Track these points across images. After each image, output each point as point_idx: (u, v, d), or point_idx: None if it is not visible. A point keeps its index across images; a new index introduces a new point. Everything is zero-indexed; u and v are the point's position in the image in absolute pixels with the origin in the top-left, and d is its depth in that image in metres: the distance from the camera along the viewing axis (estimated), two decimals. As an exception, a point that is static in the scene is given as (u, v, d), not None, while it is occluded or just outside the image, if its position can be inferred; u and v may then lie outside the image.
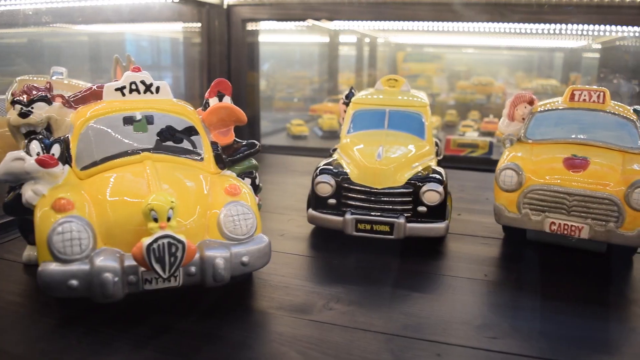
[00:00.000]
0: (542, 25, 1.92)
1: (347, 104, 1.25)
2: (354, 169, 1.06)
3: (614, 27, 1.97)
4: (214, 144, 0.92)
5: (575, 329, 0.78)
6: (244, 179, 0.97)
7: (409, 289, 0.89)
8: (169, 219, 0.71)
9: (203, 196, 0.82)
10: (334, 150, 1.20)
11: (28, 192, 0.76)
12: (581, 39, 2.81)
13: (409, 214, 1.03)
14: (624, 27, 1.99)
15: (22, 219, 0.90)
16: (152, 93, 0.90)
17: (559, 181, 0.98)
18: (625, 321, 0.82)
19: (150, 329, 0.75)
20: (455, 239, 1.12)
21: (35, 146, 0.79)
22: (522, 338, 0.75)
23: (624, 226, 0.95)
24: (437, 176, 1.03)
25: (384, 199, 1.03)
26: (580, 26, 1.84)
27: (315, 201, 1.07)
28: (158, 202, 0.70)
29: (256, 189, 1.00)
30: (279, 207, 1.33)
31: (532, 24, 1.82)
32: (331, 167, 1.07)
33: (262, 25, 2.23)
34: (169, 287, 0.74)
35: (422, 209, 1.02)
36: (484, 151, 1.99)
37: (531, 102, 1.14)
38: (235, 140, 0.97)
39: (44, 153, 0.79)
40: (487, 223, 1.17)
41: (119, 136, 0.86)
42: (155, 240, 0.69)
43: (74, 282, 0.71)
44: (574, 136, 1.06)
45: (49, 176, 0.78)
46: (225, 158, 0.93)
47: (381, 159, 1.03)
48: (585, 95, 1.09)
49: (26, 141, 0.80)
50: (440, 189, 1.01)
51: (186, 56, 1.92)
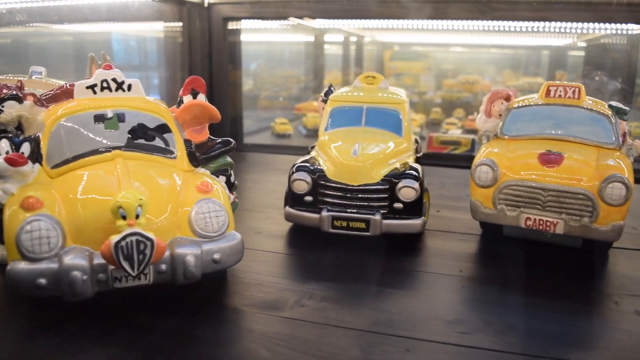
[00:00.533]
0: (523, 23, 1.92)
1: (325, 102, 1.25)
2: (330, 166, 1.06)
3: (597, 24, 1.98)
4: (187, 142, 0.92)
5: (548, 324, 0.78)
6: (218, 176, 0.96)
7: (383, 285, 0.89)
8: (137, 216, 0.70)
9: (175, 194, 0.81)
10: (312, 147, 1.20)
11: (-3, 191, 0.76)
12: (567, 37, 2.83)
13: (385, 211, 1.03)
14: (608, 25, 2.00)
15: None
16: (123, 91, 0.89)
17: (533, 177, 0.98)
18: (600, 315, 0.82)
19: (119, 327, 0.74)
20: (433, 235, 1.12)
21: (4, 145, 0.79)
22: (494, 333, 0.75)
23: (598, 221, 0.95)
24: (413, 172, 1.03)
25: (360, 195, 1.03)
26: (561, 24, 1.84)
27: (292, 199, 1.07)
28: (126, 200, 0.70)
29: (231, 186, 0.99)
30: (258, 205, 1.33)
31: (512, 22, 1.82)
32: (308, 165, 1.07)
33: (247, 25, 2.23)
34: (139, 285, 0.74)
35: (398, 205, 1.02)
36: (466, 148, 1.99)
37: (508, 98, 1.14)
38: (209, 137, 0.96)
39: (13, 152, 0.78)
40: (465, 220, 1.17)
41: (90, 134, 0.85)
42: (124, 238, 0.68)
43: (43, 281, 0.70)
44: (549, 132, 1.07)
45: (18, 175, 0.78)
46: (199, 156, 0.93)
47: (357, 156, 1.03)
48: (560, 91, 1.09)
49: (-4, 140, 0.79)
50: (416, 185, 1.01)
51: (167, 55, 1.92)
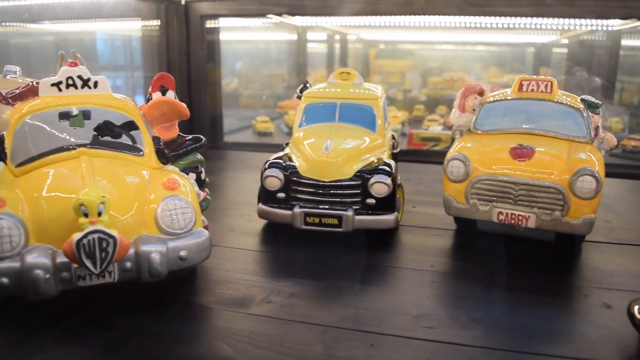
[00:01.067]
0: (505, 19, 1.93)
1: (300, 98, 1.25)
2: (303, 163, 1.05)
3: (578, 20, 1.99)
4: (155, 139, 0.91)
5: (515, 317, 0.78)
6: (188, 174, 0.95)
7: (354, 281, 0.89)
8: (100, 213, 0.69)
9: (141, 191, 0.81)
10: (287, 144, 1.20)
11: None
12: (550, 33, 2.84)
13: (358, 207, 1.03)
14: (588, 21, 2.01)
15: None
16: (89, 88, 0.88)
17: (505, 171, 0.98)
18: (568, 309, 0.82)
19: (82, 325, 0.74)
20: (407, 231, 1.12)
21: (-33, 144, 0.78)
22: (459, 327, 0.74)
23: (569, 214, 0.95)
24: (386, 168, 1.03)
25: (332, 191, 1.02)
26: (541, 20, 1.85)
27: (265, 195, 1.07)
28: (88, 197, 0.69)
29: (202, 183, 0.99)
30: (234, 203, 1.32)
31: (491, 17, 1.82)
32: (280, 161, 1.06)
33: (230, 23, 2.22)
34: (104, 284, 0.73)
35: (370, 201, 1.02)
36: (446, 145, 1.99)
37: (481, 93, 1.14)
38: (179, 134, 0.96)
39: (-24, 150, 0.78)
40: (440, 215, 1.17)
41: (55, 132, 0.84)
42: (85, 236, 0.67)
43: (5, 280, 0.69)
44: (521, 126, 1.07)
45: (-19, 173, 0.77)
46: (168, 153, 0.92)
47: (329, 152, 1.03)
48: (533, 86, 1.09)
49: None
50: (388, 180, 1.01)
51: (145, 54, 1.91)
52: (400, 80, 3.26)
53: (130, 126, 0.89)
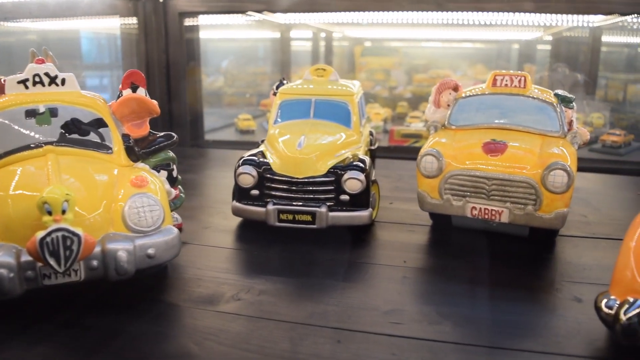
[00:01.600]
0: (489, 16, 1.93)
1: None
2: (276, 159, 1.05)
3: (560, 16, 1.99)
4: (125, 136, 0.90)
5: (485, 312, 0.78)
6: (159, 171, 0.95)
7: (325, 277, 0.88)
8: (64, 211, 0.69)
9: (109, 189, 0.80)
10: (262, 141, 1.19)
11: None
12: (535, 30, 2.85)
13: (332, 203, 1.02)
14: (569, 17, 2.01)
15: None
16: (57, 85, 0.87)
17: (478, 166, 0.98)
18: (539, 303, 0.82)
19: (46, 324, 0.73)
20: (383, 227, 1.12)
21: None
22: (428, 322, 0.74)
23: (541, 209, 0.96)
24: (360, 164, 1.02)
25: (305, 188, 1.02)
26: (519, 16, 1.85)
27: (239, 193, 1.06)
28: (51, 195, 0.68)
29: (174, 181, 0.98)
30: (211, 201, 1.31)
31: (470, 13, 1.82)
32: (254, 158, 1.06)
33: (212, 21, 2.21)
34: (70, 282, 0.73)
35: (344, 197, 1.02)
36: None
37: (456, 89, 1.14)
38: (150, 132, 0.95)
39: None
40: (417, 211, 1.16)
41: (21, 130, 0.84)
42: (49, 234, 0.67)
43: (-32, 280, 0.69)
44: (495, 121, 1.07)
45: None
46: (139, 150, 0.91)
47: (302, 148, 1.02)
48: (507, 80, 1.09)
49: None
50: (362, 177, 1.01)
51: (124, 52, 1.89)
52: (386, 77, 3.26)
53: (99, 123, 0.88)
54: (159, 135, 0.96)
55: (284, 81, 1.28)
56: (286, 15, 2.40)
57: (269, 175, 1.03)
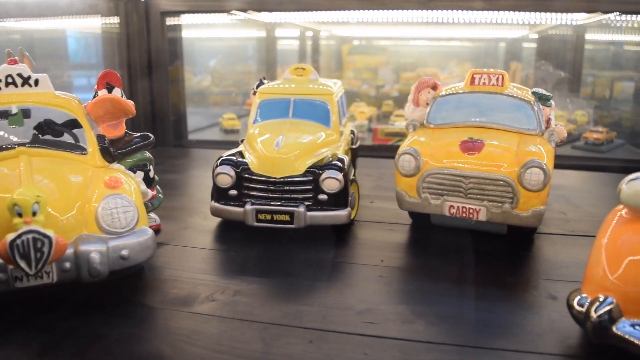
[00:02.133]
0: (473, 14, 1.93)
1: (256, 94, 1.24)
2: (254, 159, 1.04)
3: (545, 15, 2.00)
4: (100, 137, 0.90)
5: (460, 311, 0.78)
6: (135, 172, 0.94)
7: (302, 277, 0.88)
8: (34, 213, 0.68)
9: (83, 190, 0.79)
10: (242, 141, 1.19)
11: None
12: (520, 28, 2.86)
13: (310, 202, 1.02)
14: (554, 15, 2.02)
15: None
16: (30, 86, 0.87)
17: (455, 164, 0.98)
18: (515, 301, 0.82)
19: (16, 327, 0.72)
20: (362, 226, 1.12)
21: None
22: (402, 321, 0.74)
23: (518, 207, 0.96)
24: (338, 163, 1.02)
25: (283, 187, 1.02)
26: (502, 14, 1.86)
27: (217, 193, 1.06)
28: (21, 197, 0.68)
29: (151, 182, 0.98)
30: (192, 201, 1.31)
31: (453, 11, 1.82)
32: (232, 158, 1.06)
33: (196, 20, 2.20)
34: (42, 284, 0.72)
35: (322, 196, 1.02)
36: (411, 140, 1.99)
37: (434, 87, 1.14)
38: (126, 132, 0.95)
39: None
40: (397, 210, 1.16)
41: (-7, 131, 0.83)
42: (19, 236, 0.66)
43: (-62, 283, 0.68)
44: (473, 119, 1.07)
45: None
46: (114, 151, 0.91)
47: (279, 148, 1.02)
48: (484, 79, 1.09)
49: None
50: (340, 176, 1.00)
51: (106, 52, 1.88)
52: (373, 76, 3.26)
53: (73, 124, 0.88)
54: (135, 136, 0.95)
55: (265, 80, 1.28)
56: (272, 14, 2.40)
57: (247, 175, 1.03)
